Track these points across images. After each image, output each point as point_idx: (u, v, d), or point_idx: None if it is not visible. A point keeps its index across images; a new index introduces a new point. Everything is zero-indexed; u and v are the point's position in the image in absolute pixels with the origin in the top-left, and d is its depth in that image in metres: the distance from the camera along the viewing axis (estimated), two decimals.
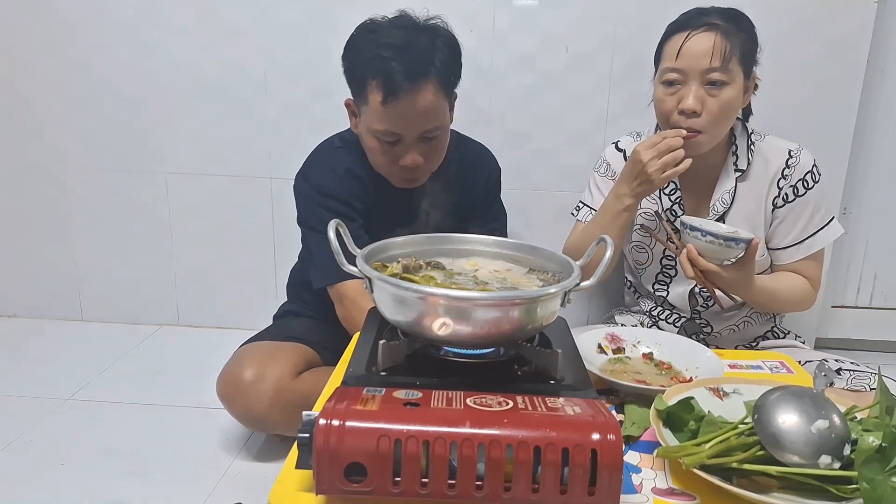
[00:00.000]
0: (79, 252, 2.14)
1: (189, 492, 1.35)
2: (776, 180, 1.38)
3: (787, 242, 1.40)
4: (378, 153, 1.33)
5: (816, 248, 1.39)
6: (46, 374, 1.83)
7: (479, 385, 0.73)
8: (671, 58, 1.28)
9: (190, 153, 2.01)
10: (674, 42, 1.29)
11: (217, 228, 2.06)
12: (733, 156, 1.39)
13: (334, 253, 0.81)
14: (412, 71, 1.23)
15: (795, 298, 1.39)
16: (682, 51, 1.26)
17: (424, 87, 1.25)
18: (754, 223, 1.39)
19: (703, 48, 1.25)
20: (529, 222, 1.97)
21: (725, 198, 1.39)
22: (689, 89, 1.27)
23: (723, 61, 1.24)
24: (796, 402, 0.69)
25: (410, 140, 1.30)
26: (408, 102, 1.24)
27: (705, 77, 1.25)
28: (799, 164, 1.37)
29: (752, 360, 1.08)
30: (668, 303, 1.48)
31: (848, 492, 0.65)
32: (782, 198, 1.38)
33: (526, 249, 0.98)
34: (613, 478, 0.61)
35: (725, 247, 1.18)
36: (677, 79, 1.28)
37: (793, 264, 1.40)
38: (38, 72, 1.98)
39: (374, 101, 1.26)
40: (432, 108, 1.28)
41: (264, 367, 1.37)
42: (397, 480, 0.61)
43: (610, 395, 0.91)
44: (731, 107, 1.28)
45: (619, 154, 1.50)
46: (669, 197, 1.43)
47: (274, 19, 1.87)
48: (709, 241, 1.18)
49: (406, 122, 1.27)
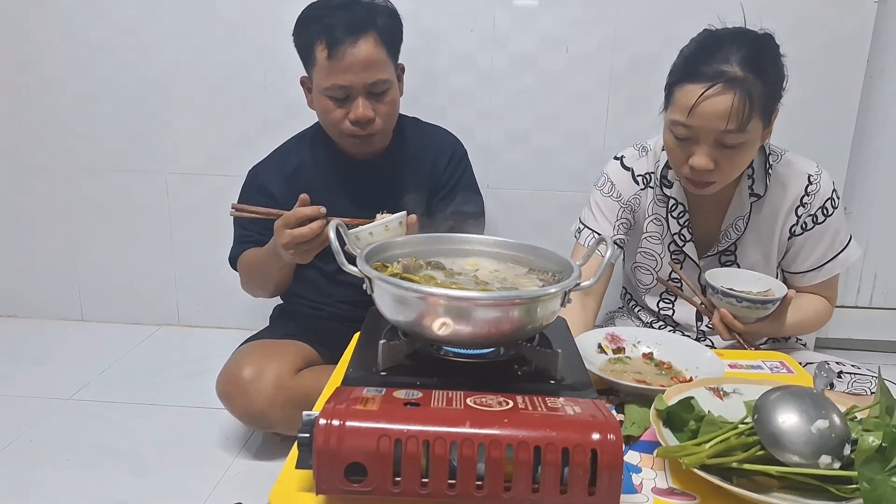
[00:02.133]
0: (79, 252, 2.14)
1: (189, 492, 1.35)
2: (794, 208, 1.29)
3: (805, 267, 1.34)
4: (330, 112, 1.40)
5: (835, 272, 1.33)
6: (46, 374, 1.83)
7: (480, 385, 0.73)
8: (682, 111, 1.15)
9: (190, 153, 2.01)
10: (686, 94, 1.14)
11: (217, 228, 2.06)
12: (749, 179, 1.30)
13: (334, 253, 0.81)
14: (352, 25, 1.34)
15: (820, 321, 1.35)
16: (696, 110, 1.12)
17: (365, 40, 1.34)
18: (767, 250, 1.33)
19: (720, 110, 1.11)
20: (529, 222, 1.97)
21: (739, 224, 1.31)
22: (700, 148, 1.16)
23: (740, 124, 1.11)
24: (796, 402, 0.69)
25: (358, 93, 1.36)
26: (351, 53, 1.33)
27: (720, 139, 1.14)
28: (819, 192, 1.28)
29: (752, 360, 1.08)
30: (673, 320, 1.44)
31: (848, 492, 0.65)
32: (801, 226, 1.30)
33: (526, 249, 0.97)
34: (613, 478, 0.61)
35: (762, 308, 1.15)
36: (689, 134, 1.16)
37: (810, 287, 1.35)
38: (38, 72, 1.98)
39: (321, 60, 1.35)
40: (375, 59, 1.36)
41: (263, 365, 1.38)
42: (397, 480, 0.61)
43: (610, 395, 0.91)
44: (748, 158, 1.21)
45: (626, 173, 1.38)
46: (678, 220, 1.34)
47: (274, 19, 1.87)
48: (745, 306, 1.14)
49: (352, 73, 1.34)
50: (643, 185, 1.38)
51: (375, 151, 1.48)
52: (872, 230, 1.97)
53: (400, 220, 1.24)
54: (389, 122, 1.45)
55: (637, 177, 1.38)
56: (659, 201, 1.37)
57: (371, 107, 1.38)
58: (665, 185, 1.35)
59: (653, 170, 1.37)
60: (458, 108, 1.89)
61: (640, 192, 1.38)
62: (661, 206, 1.37)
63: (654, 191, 1.37)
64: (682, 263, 1.38)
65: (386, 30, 1.38)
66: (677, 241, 1.36)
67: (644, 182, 1.38)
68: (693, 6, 1.72)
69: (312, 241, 1.25)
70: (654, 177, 1.37)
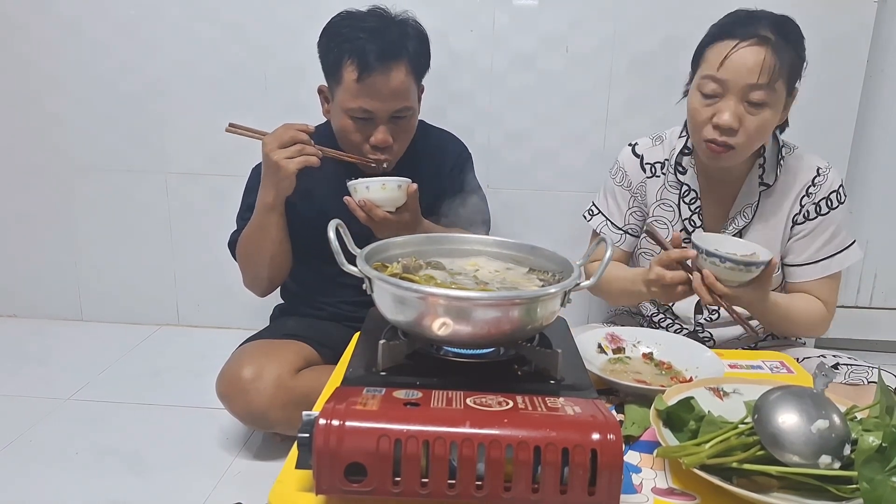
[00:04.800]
0: (79, 252, 2.14)
1: (189, 492, 1.35)
2: (800, 197, 1.32)
3: (802, 260, 1.34)
4: (350, 132, 1.39)
5: (832, 270, 1.33)
6: (46, 374, 1.83)
7: (479, 385, 0.73)
8: (713, 66, 1.19)
9: (190, 153, 2.01)
10: (718, 49, 1.19)
11: (217, 228, 2.05)
12: (760, 168, 1.32)
13: (334, 252, 0.81)
14: (386, 51, 1.32)
15: (810, 321, 1.33)
16: (727, 62, 1.17)
17: (397, 68, 1.34)
18: (771, 238, 1.34)
19: (750, 63, 1.16)
20: (529, 222, 1.97)
21: (747, 212, 1.33)
22: (727, 104, 1.19)
23: (769, 80, 1.15)
24: (796, 402, 0.69)
25: (381, 119, 1.37)
26: (381, 81, 1.33)
27: (747, 94, 1.17)
28: (825, 183, 1.31)
29: (752, 359, 1.08)
30: (672, 312, 1.45)
31: (848, 492, 0.65)
32: (803, 215, 1.32)
33: (526, 249, 0.98)
34: (613, 478, 0.61)
35: (746, 271, 1.14)
36: (716, 90, 1.20)
37: (806, 283, 1.34)
38: (38, 72, 1.97)
39: (349, 80, 1.33)
40: (403, 89, 1.36)
41: (263, 365, 1.38)
42: (397, 480, 0.61)
43: (610, 395, 0.91)
44: (770, 126, 1.22)
45: (635, 160, 1.42)
46: (689, 206, 1.37)
47: (274, 19, 1.87)
48: (728, 266, 1.13)
49: (379, 100, 1.34)
50: (650, 173, 1.41)
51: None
52: (872, 230, 1.97)
53: (399, 184, 1.25)
54: (405, 144, 1.46)
55: (645, 165, 1.41)
56: (671, 187, 1.39)
57: (391, 131, 1.39)
58: (679, 172, 1.38)
59: (667, 157, 1.40)
60: (458, 108, 1.90)
61: (647, 179, 1.42)
62: (674, 192, 1.39)
63: (665, 178, 1.40)
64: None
65: (416, 55, 1.39)
66: (687, 226, 1.38)
67: (651, 171, 1.41)
68: (693, 6, 1.73)
69: (294, 146, 1.30)
70: (667, 164, 1.40)
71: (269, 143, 1.31)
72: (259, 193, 1.39)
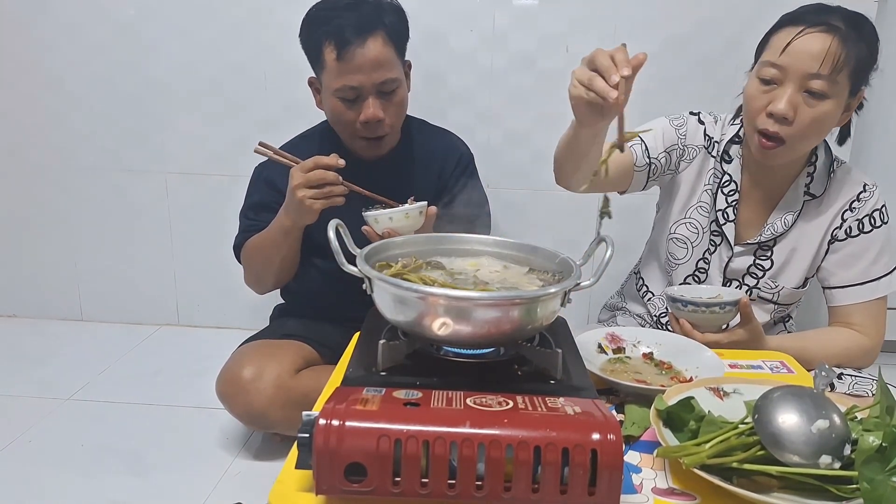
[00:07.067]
0: (79, 252, 2.14)
1: (189, 492, 1.35)
2: (842, 211, 1.27)
3: (845, 282, 1.28)
4: (341, 113, 1.40)
5: (880, 293, 1.27)
6: (46, 374, 1.83)
7: (479, 385, 0.73)
8: (775, 52, 1.14)
9: (190, 153, 2.01)
10: (783, 35, 1.15)
11: (217, 228, 2.06)
12: (808, 177, 1.27)
13: (334, 252, 0.81)
14: (361, 24, 1.34)
15: (839, 355, 1.24)
16: (790, 47, 1.12)
17: (373, 39, 1.34)
18: (804, 254, 1.30)
19: (814, 50, 1.11)
20: (529, 222, 1.97)
21: (787, 219, 1.28)
22: (784, 91, 1.14)
23: (832, 70, 1.10)
24: (797, 402, 0.69)
25: (369, 92, 1.37)
26: (360, 53, 1.33)
27: (806, 83, 1.13)
28: (870, 200, 1.27)
29: (752, 359, 1.08)
30: None
31: (848, 492, 0.65)
32: (844, 231, 1.28)
33: (526, 249, 0.97)
34: (613, 478, 0.61)
35: (710, 313, 1.12)
36: (776, 77, 1.15)
37: (849, 307, 1.28)
38: (38, 71, 1.98)
39: (330, 61, 1.35)
40: (384, 59, 1.36)
41: (263, 365, 1.38)
42: (397, 480, 0.61)
43: (610, 395, 0.91)
44: (826, 122, 1.16)
45: (699, 126, 1.34)
46: (727, 198, 1.31)
47: (274, 19, 1.87)
48: (691, 310, 1.13)
49: (361, 73, 1.34)
50: (706, 144, 1.34)
51: (384, 152, 1.49)
52: None
53: (420, 210, 1.25)
54: (399, 120, 1.46)
55: (706, 134, 1.35)
56: (716, 173, 1.34)
57: (381, 106, 1.39)
58: (725, 160, 1.32)
59: (720, 138, 1.34)
60: (458, 108, 1.90)
61: (700, 150, 1.35)
62: (716, 179, 1.34)
63: (715, 160, 1.34)
64: (716, 246, 1.34)
65: (394, 28, 1.39)
66: (720, 218, 1.33)
67: (707, 143, 1.34)
68: (693, 6, 1.72)
69: (323, 187, 1.28)
70: (718, 146, 1.34)
71: (296, 179, 1.29)
72: (280, 215, 1.38)
